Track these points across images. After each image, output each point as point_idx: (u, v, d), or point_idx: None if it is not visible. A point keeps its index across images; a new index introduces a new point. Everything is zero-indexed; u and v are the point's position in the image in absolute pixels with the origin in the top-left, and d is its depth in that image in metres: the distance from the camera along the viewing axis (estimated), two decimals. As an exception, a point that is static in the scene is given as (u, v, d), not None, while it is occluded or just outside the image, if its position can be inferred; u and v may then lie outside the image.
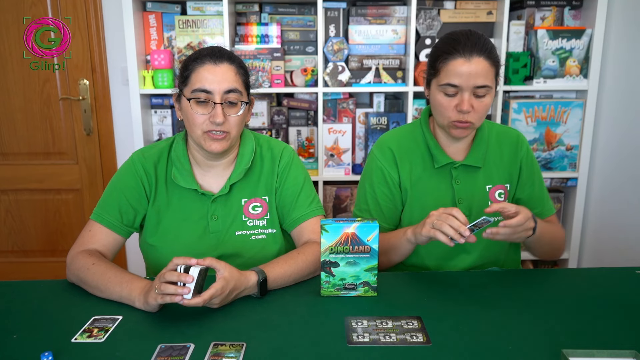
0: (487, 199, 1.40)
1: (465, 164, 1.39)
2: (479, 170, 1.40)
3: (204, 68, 1.23)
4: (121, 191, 1.31)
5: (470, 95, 1.27)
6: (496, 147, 1.42)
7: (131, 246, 2.63)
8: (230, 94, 1.24)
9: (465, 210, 1.38)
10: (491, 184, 1.41)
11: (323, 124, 2.36)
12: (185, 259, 1.06)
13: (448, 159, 1.39)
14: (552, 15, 2.35)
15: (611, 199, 2.38)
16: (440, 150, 1.39)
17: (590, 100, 2.31)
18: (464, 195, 1.39)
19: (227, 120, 1.23)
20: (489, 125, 1.45)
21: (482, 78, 1.26)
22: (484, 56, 1.26)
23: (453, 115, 1.30)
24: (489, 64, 1.27)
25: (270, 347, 0.96)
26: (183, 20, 2.29)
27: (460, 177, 1.40)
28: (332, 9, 2.30)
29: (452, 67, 1.27)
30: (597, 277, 1.29)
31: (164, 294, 1.03)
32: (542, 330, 1.01)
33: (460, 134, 1.33)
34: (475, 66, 1.25)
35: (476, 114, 1.29)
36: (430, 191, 1.40)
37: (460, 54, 1.26)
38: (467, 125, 1.30)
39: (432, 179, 1.41)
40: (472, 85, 1.26)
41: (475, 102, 1.28)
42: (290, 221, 1.36)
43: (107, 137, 2.63)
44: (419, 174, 1.41)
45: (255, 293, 1.15)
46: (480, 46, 1.26)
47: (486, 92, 1.28)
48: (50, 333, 1.02)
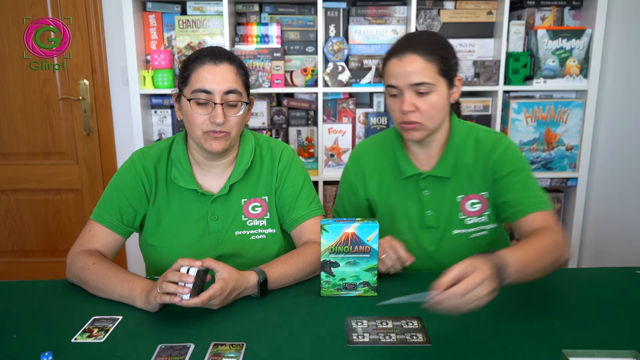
0: (458, 210, 1.36)
1: (432, 174, 1.35)
2: (448, 180, 1.35)
3: (203, 68, 1.23)
4: (121, 191, 1.31)
5: (411, 94, 1.24)
6: (471, 155, 1.35)
7: (131, 246, 2.62)
8: (230, 95, 1.24)
9: (435, 222, 1.36)
10: (462, 194, 1.35)
11: (323, 124, 2.36)
12: (190, 261, 1.06)
13: (414, 170, 1.36)
14: (552, 15, 2.35)
15: (611, 199, 2.38)
16: (406, 161, 1.37)
17: (590, 100, 2.31)
18: (432, 206, 1.36)
19: (227, 120, 1.23)
20: (469, 131, 1.37)
21: (417, 75, 1.22)
22: (417, 53, 1.23)
23: (399, 117, 1.27)
24: (424, 60, 1.23)
25: (270, 347, 0.96)
26: (183, 20, 2.29)
27: (430, 187, 1.36)
28: (332, 9, 2.30)
29: (388, 68, 1.27)
30: (597, 277, 1.29)
31: (164, 293, 1.03)
32: (542, 330, 1.01)
33: (410, 137, 1.29)
34: (408, 63, 1.23)
35: (422, 113, 1.25)
36: (399, 202, 1.39)
37: (394, 54, 1.26)
38: (414, 127, 1.26)
39: (401, 190, 1.39)
40: (409, 84, 1.23)
41: (419, 102, 1.24)
42: (290, 221, 1.36)
43: (107, 137, 2.63)
44: (388, 185, 1.40)
45: (255, 293, 1.15)
46: (413, 44, 1.24)
47: (428, 90, 1.24)
48: (50, 333, 1.02)
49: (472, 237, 1.37)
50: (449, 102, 1.31)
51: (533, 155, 2.37)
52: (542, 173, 2.39)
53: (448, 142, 1.35)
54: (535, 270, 1.08)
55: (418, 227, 1.38)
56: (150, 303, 1.07)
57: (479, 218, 1.36)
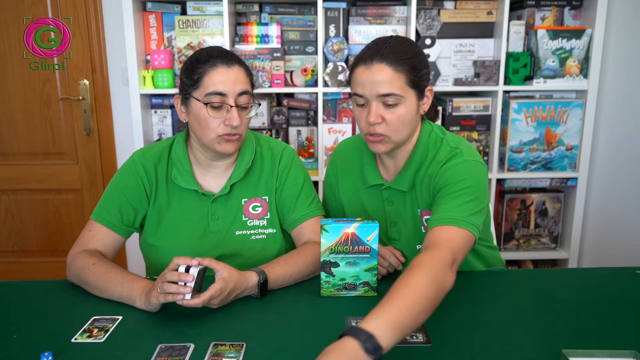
0: (420, 224, 1.30)
1: (391, 186, 1.31)
2: (405, 193, 1.30)
3: (216, 71, 1.22)
4: (121, 191, 1.31)
5: (378, 105, 1.18)
6: (434, 168, 1.24)
7: (131, 246, 2.63)
8: (242, 96, 1.24)
9: (397, 234, 1.34)
10: (421, 208, 1.29)
11: (323, 124, 2.36)
12: (186, 259, 1.06)
13: (377, 180, 1.33)
14: (552, 15, 2.35)
15: (611, 199, 2.38)
16: (371, 169, 1.34)
17: (590, 100, 2.31)
18: (395, 218, 1.33)
19: (240, 122, 1.24)
20: (436, 144, 1.28)
21: (385, 85, 1.16)
22: (385, 62, 1.16)
23: (365, 128, 1.22)
24: (393, 70, 1.16)
25: (270, 347, 0.96)
26: (183, 20, 2.29)
27: (393, 199, 1.33)
28: (332, 9, 2.30)
29: (356, 75, 1.21)
30: (597, 277, 1.29)
31: (165, 293, 1.03)
32: (542, 330, 1.01)
33: (375, 149, 1.24)
34: (375, 72, 1.16)
35: (388, 126, 1.19)
36: (365, 209, 1.38)
37: (362, 62, 1.19)
38: (379, 139, 1.21)
39: (367, 198, 1.37)
40: (376, 94, 1.17)
41: (387, 113, 1.18)
42: (290, 221, 1.36)
43: (107, 137, 2.63)
44: (358, 189, 1.39)
45: (255, 293, 1.15)
46: (382, 51, 1.16)
47: (396, 102, 1.17)
48: (50, 333, 1.02)
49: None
50: (419, 114, 1.24)
51: (533, 155, 2.37)
52: (542, 173, 2.39)
53: (409, 155, 1.29)
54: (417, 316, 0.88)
55: (384, 238, 1.36)
56: (150, 303, 1.07)
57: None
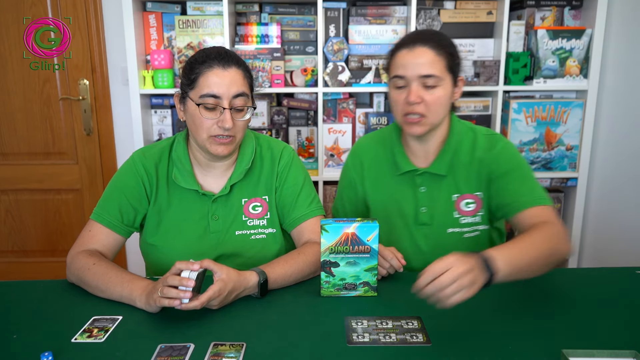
0: (452, 209, 1.36)
1: (429, 171, 1.35)
2: (444, 178, 1.35)
3: (212, 72, 1.22)
4: (121, 191, 1.31)
5: (418, 86, 1.24)
6: (468, 154, 1.35)
7: (131, 246, 2.62)
8: (237, 99, 1.23)
9: (428, 219, 1.37)
10: (458, 193, 1.35)
11: (323, 124, 2.36)
12: (188, 264, 1.05)
13: (410, 166, 1.36)
14: (552, 15, 2.35)
15: (611, 198, 2.38)
16: (403, 157, 1.38)
17: (590, 100, 2.31)
18: (427, 203, 1.37)
19: (234, 124, 1.23)
20: (468, 131, 1.37)
21: (426, 67, 1.23)
22: (428, 46, 1.24)
23: (403, 109, 1.27)
24: (435, 53, 1.24)
25: (270, 347, 0.96)
26: (183, 20, 2.29)
27: (426, 184, 1.37)
28: (332, 9, 2.30)
29: (397, 59, 1.27)
30: (597, 277, 1.29)
31: (165, 297, 1.03)
32: (542, 330, 1.01)
33: (413, 130, 1.28)
34: (418, 55, 1.24)
35: (427, 106, 1.25)
36: (394, 198, 1.40)
37: (404, 46, 1.26)
38: (418, 120, 1.26)
39: (397, 186, 1.39)
40: (417, 75, 1.23)
41: (426, 94, 1.24)
42: (290, 221, 1.36)
43: (107, 137, 2.63)
44: (385, 181, 1.41)
45: (255, 293, 1.15)
46: (424, 37, 1.26)
47: (436, 83, 1.24)
48: (50, 333, 1.02)
49: (466, 237, 1.37)
50: (451, 101, 1.31)
51: (533, 155, 2.37)
52: (542, 173, 2.39)
53: (446, 140, 1.35)
54: (530, 263, 1.07)
55: (413, 224, 1.39)
56: (150, 305, 1.07)
57: (472, 218, 1.36)
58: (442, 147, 1.35)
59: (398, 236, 1.40)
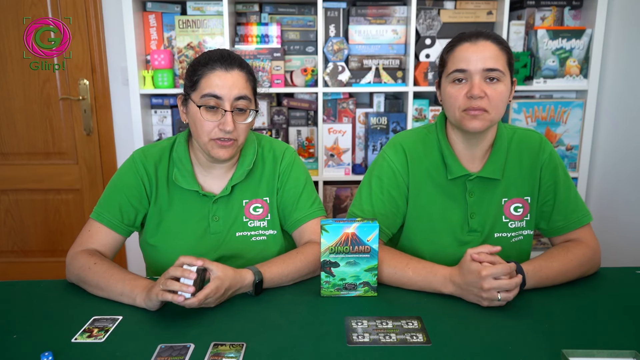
0: (502, 214, 1.31)
1: (482, 175, 1.28)
2: (496, 182, 1.29)
3: (214, 74, 1.21)
4: (122, 190, 1.31)
5: (480, 80, 1.19)
6: (516, 156, 1.31)
7: (131, 246, 2.63)
8: (240, 101, 1.23)
9: (478, 226, 1.30)
10: (507, 197, 1.31)
11: (323, 124, 2.36)
12: (192, 259, 1.06)
13: (463, 171, 1.28)
14: (552, 15, 2.35)
15: (611, 199, 2.38)
16: (455, 161, 1.29)
17: (590, 100, 2.31)
18: (477, 209, 1.30)
19: (235, 127, 1.22)
20: (510, 131, 1.34)
21: (491, 60, 1.18)
22: (491, 40, 1.21)
23: (464, 103, 1.20)
24: (498, 48, 1.20)
25: (270, 347, 0.96)
26: (183, 20, 2.29)
27: (475, 190, 1.30)
28: (332, 9, 2.30)
29: (458, 52, 1.21)
30: (597, 277, 1.29)
31: (167, 290, 1.03)
32: (542, 330, 1.01)
33: (472, 125, 1.20)
34: (482, 48, 1.19)
35: (490, 101, 1.19)
36: (440, 203, 1.31)
37: (466, 40, 1.22)
38: (480, 113, 1.19)
39: (444, 190, 1.31)
40: (481, 68, 1.18)
41: (488, 89, 1.19)
42: (291, 222, 1.36)
43: (107, 137, 2.63)
44: (429, 182, 1.31)
45: (250, 292, 1.16)
46: (486, 33, 1.22)
47: (499, 78, 1.19)
48: (50, 333, 1.02)
49: (513, 242, 1.33)
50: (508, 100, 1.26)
51: (533, 155, 2.37)
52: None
53: (495, 143, 1.30)
54: (554, 283, 1.21)
55: (460, 231, 1.31)
56: (151, 300, 1.07)
57: (519, 222, 1.32)
58: (492, 149, 1.30)
59: (442, 242, 1.32)
